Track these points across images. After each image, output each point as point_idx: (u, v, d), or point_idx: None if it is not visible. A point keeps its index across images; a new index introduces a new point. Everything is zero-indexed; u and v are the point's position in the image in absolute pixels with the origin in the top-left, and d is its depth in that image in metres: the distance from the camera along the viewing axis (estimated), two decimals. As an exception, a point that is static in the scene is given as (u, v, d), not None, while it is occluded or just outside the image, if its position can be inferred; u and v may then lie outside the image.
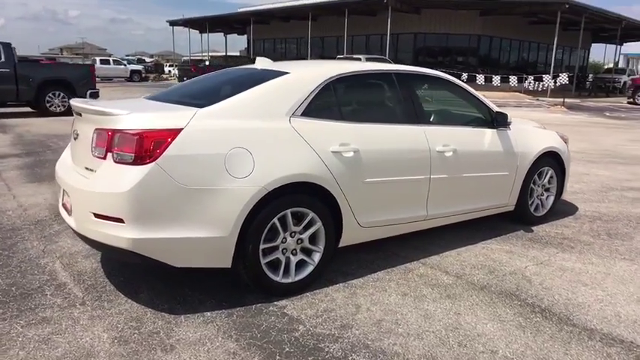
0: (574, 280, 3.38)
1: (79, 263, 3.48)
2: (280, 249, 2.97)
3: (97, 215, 2.64)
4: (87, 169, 2.83)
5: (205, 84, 3.59)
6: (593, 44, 42.80)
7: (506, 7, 27.44)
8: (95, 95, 13.61)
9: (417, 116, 3.60)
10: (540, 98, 23.73)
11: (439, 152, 3.60)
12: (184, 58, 51.29)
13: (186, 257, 2.72)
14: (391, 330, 2.68)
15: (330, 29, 33.17)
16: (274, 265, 2.97)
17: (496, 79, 22.84)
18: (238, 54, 47.93)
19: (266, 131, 2.89)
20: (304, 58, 35.47)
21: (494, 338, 2.62)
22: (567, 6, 23.61)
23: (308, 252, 3.10)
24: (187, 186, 2.61)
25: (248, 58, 30.20)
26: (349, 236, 3.27)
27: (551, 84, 22.44)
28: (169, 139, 2.59)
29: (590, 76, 30.85)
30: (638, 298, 3.13)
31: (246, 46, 47.05)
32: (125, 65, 35.90)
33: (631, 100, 22.42)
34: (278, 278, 2.97)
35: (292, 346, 2.50)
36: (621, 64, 52.22)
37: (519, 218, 4.47)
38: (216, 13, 40.73)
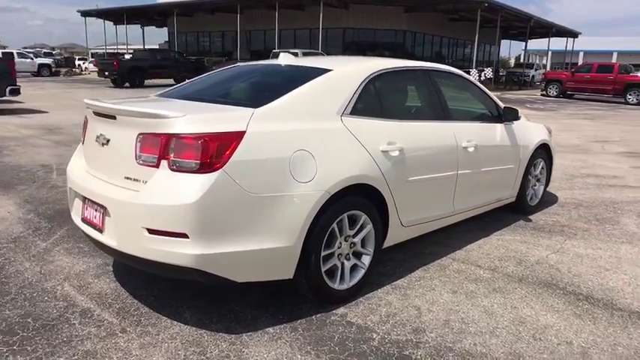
0: (594, 265, 3.57)
1: (94, 284, 3.10)
2: (336, 255, 2.84)
3: (152, 231, 2.34)
4: (128, 179, 2.50)
5: (233, 81, 3.34)
6: (501, 41, 45.88)
7: (430, 4, 28.62)
8: (16, 92, 12.34)
9: (444, 113, 3.61)
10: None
11: (464, 148, 3.63)
12: (92, 50, 47.97)
13: (251, 271, 2.51)
14: (463, 330, 2.66)
15: (259, 23, 32.63)
16: (331, 273, 2.83)
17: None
18: (157, 47, 45.74)
19: (324, 132, 2.73)
20: (231, 52, 34.62)
21: (560, 329, 2.69)
22: (486, 5, 25.09)
23: (358, 256, 3.00)
24: (254, 194, 2.39)
25: (176, 52, 28.83)
26: (392, 237, 3.21)
27: (477, 78, 23.78)
28: (234, 143, 2.35)
29: (503, 70, 33.11)
30: (658, 279, 3.37)
31: (166, 39, 44.99)
32: (32, 59, 32.85)
33: (544, 92, 24.33)
34: (335, 285, 2.84)
35: (377, 356, 2.40)
36: (523, 59, 56.41)
37: (518, 209, 4.65)
38: (132, 4, 38.47)
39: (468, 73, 24.40)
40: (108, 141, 2.63)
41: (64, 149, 7.42)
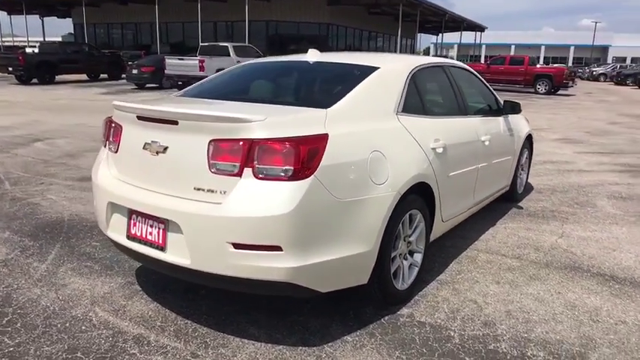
0: (600, 247, 3.86)
1: (129, 306, 2.81)
2: (398, 255, 2.81)
3: (239, 246, 2.16)
4: (200, 190, 2.27)
5: (274, 80, 3.17)
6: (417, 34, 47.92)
7: (353, -2, 29.17)
8: None
9: (465, 108, 3.69)
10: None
11: (482, 142, 3.75)
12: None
13: (335, 280, 2.41)
14: (528, 319, 2.75)
15: (178, 14, 31.25)
16: (394, 274, 2.80)
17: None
18: (60, 40, 42.17)
19: (388, 131, 2.68)
20: (148, 46, 32.86)
21: (609, 309, 2.88)
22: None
23: (411, 254, 2.99)
24: (341, 199, 2.29)
25: (89, 45, 26.70)
26: (434, 233, 3.24)
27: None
28: (322, 147, 2.23)
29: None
30: (657, 255, 3.72)
31: (71, 31, 41.63)
32: None
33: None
34: (399, 286, 2.81)
35: (467, 354, 2.41)
36: (432, 53, 59.49)
37: (509, 197, 4.90)
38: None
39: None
40: (165, 149, 2.37)
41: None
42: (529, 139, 5.08)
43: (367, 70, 2.90)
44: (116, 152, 2.68)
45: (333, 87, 2.77)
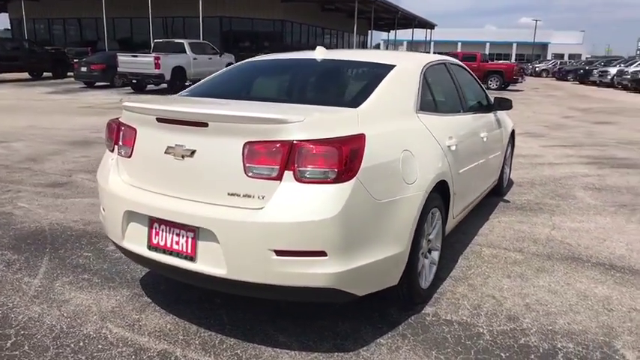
0: (592, 237, 4.02)
1: (144, 319, 2.65)
2: (420, 253, 2.80)
3: (281, 253, 2.07)
4: (235, 195, 2.15)
5: (288, 78, 3.06)
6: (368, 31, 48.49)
7: (307, -6, 29.09)
8: None
9: (466, 105, 3.73)
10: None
11: (482, 138, 3.81)
12: None
13: (372, 282, 2.36)
14: (547, 311, 2.82)
15: (126, 9, 30.05)
16: (419, 273, 2.79)
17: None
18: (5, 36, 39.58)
19: (413, 130, 2.66)
20: (95, 42, 31.42)
21: (619, 298, 2.99)
22: (361, -4, 26.31)
23: (430, 252, 2.99)
24: (380, 200, 2.25)
25: (30, 41, 25.17)
26: (446, 230, 3.25)
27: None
28: (361, 148, 2.17)
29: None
30: (645, 243, 3.91)
31: (7, 27, 39.15)
32: None
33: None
34: (422, 284, 2.80)
35: (502, 349, 2.43)
36: (382, 49, 60.40)
37: (498, 191, 5.02)
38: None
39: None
40: (192, 152, 2.24)
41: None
42: (512, 134, 5.23)
43: (385, 68, 2.86)
44: (129, 157, 2.50)
45: (355, 86, 2.72)
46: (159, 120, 2.31)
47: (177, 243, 2.27)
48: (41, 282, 3.08)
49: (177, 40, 19.45)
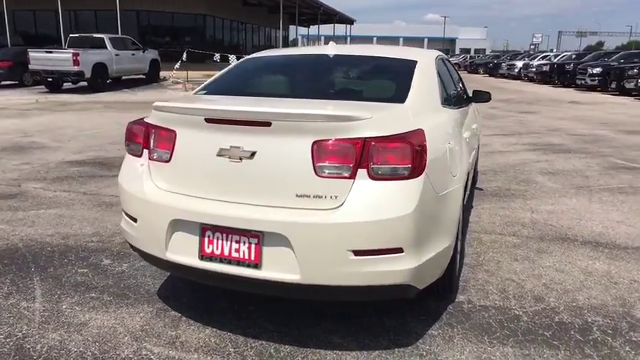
0: (569, 218, 4.36)
1: (183, 335, 2.48)
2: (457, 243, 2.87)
3: (360, 252, 2.03)
4: (305, 196, 2.07)
5: (314, 74, 2.98)
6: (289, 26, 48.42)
7: (229, -12, 28.39)
8: None
9: (462, 97, 3.87)
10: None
11: (473, 129, 3.97)
12: None
13: (431, 275, 2.38)
14: (565, 289, 3.01)
15: (28, 2, 27.48)
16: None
17: (232, 59, 23.59)
18: None
19: (447, 123, 2.71)
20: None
21: (618, 271, 3.27)
22: (285, -9, 26.18)
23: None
24: (439, 193, 2.28)
25: None
26: None
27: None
28: (425, 143, 2.18)
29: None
30: (618, 220, 4.30)
31: None
32: None
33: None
34: (456, 274, 2.88)
35: (544, 329, 2.57)
36: (301, 45, 60.77)
37: (473, 179, 5.26)
38: None
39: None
40: (252, 154, 2.11)
41: None
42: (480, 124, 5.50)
43: (410, 64, 2.89)
44: (167, 162, 2.32)
45: (387, 81, 2.72)
46: (208, 121, 2.16)
47: (238, 250, 2.14)
48: (44, 306, 2.77)
49: (96, 35, 18.16)
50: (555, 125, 10.30)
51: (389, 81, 2.78)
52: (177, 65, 19.12)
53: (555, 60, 26.37)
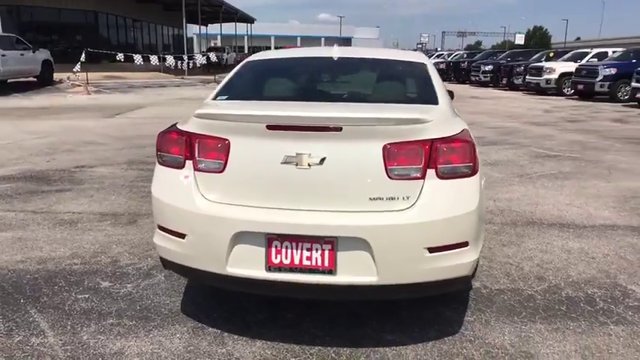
0: (527, 203, 4.82)
1: (235, 351, 2.39)
2: None
3: (434, 249, 2.13)
4: (378, 199, 2.11)
5: (338, 78, 2.98)
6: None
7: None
8: None
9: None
10: (186, 77, 24.89)
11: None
12: None
13: (477, 266, 2.53)
14: (557, 267, 3.36)
15: None
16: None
17: (138, 59, 22.30)
18: None
19: (463, 123, 2.88)
20: None
21: (589, 248, 3.71)
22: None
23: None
24: (482, 187, 2.44)
25: None
26: None
27: (189, 63, 23.95)
28: (474, 142, 2.32)
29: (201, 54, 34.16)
30: (566, 203, 4.85)
31: None
32: None
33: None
34: (474, 263, 3.09)
35: (559, 304, 2.86)
36: (195, 43, 59.04)
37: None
38: None
39: (181, 58, 24.34)
40: (322, 160, 2.11)
41: None
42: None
43: (422, 66, 3.03)
44: (221, 172, 2.21)
45: (413, 83, 2.84)
46: (270, 127, 2.11)
47: (309, 258, 2.12)
48: (60, 339, 2.50)
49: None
50: (470, 119, 11.16)
51: (413, 83, 2.89)
52: (78, 67, 17.63)
53: (450, 59, 28.50)
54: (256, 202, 2.18)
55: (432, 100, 2.60)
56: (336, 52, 3.18)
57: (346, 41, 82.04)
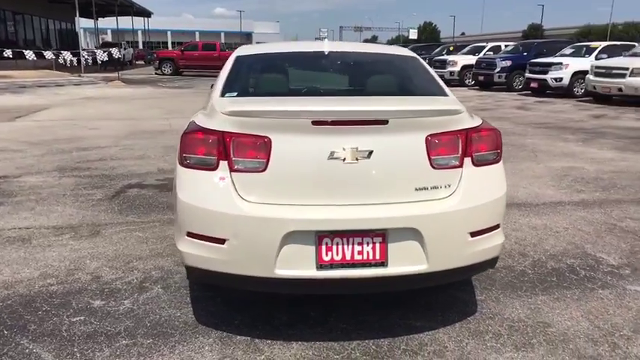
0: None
1: (276, 356, 2.31)
2: None
3: (475, 233, 2.23)
4: (423, 189, 2.17)
5: (342, 73, 2.94)
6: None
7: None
8: None
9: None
10: (84, 75, 22.96)
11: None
12: None
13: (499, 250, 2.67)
14: (533, 243, 3.67)
15: None
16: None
17: (29, 55, 20.25)
18: None
19: None
20: None
21: (550, 224, 4.09)
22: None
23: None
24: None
25: None
26: None
27: (87, 60, 22.16)
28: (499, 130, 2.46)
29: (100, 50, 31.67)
30: (509, 184, 5.26)
31: None
32: None
33: (159, 71, 25.27)
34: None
35: (549, 275, 3.13)
36: (81, 38, 54.84)
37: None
38: None
39: (77, 54, 22.44)
40: (370, 153, 2.10)
41: None
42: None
43: (416, 60, 3.11)
44: (262, 171, 2.11)
45: (414, 77, 2.89)
46: (316, 123, 2.06)
47: (361, 252, 2.11)
48: (73, 367, 2.24)
49: None
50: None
51: (416, 76, 2.94)
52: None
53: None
54: (304, 200, 2.13)
55: (441, 91, 2.70)
56: (329, 46, 3.16)
57: (247, 36, 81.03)
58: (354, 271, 2.14)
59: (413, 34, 69.22)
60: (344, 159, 2.10)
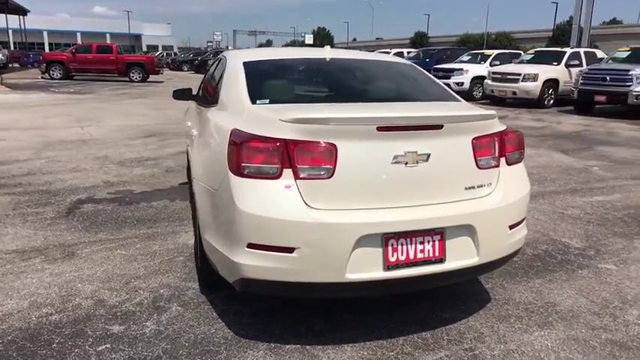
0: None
1: (333, 357, 2.34)
2: None
3: (512, 226, 2.48)
4: (471, 188, 2.37)
5: (356, 78, 3.01)
6: None
7: None
8: None
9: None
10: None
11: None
12: None
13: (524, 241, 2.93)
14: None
15: None
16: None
17: None
18: None
19: None
20: None
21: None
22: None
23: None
24: None
25: None
26: None
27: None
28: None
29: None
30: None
31: None
32: None
33: (46, 74, 23.00)
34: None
35: (535, 260, 3.50)
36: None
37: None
38: None
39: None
40: (428, 156, 2.23)
41: None
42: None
43: (416, 68, 3.30)
44: (329, 178, 2.13)
45: (424, 83, 3.07)
46: (380, 129, 2.14)
47: (422, 251, 2.23)
48: None
49: None
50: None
51: (425, 82, 3.12)
52: None
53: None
54: (371, 204, 2.19)
55: (454, 97, 2.92)
56: (334, 54, 3.26)
57: (136, 38, 76.86)
58: (417, 269, 2.25)
59: (309, 39, 70.70)
60: (406, 163, 2.22)
